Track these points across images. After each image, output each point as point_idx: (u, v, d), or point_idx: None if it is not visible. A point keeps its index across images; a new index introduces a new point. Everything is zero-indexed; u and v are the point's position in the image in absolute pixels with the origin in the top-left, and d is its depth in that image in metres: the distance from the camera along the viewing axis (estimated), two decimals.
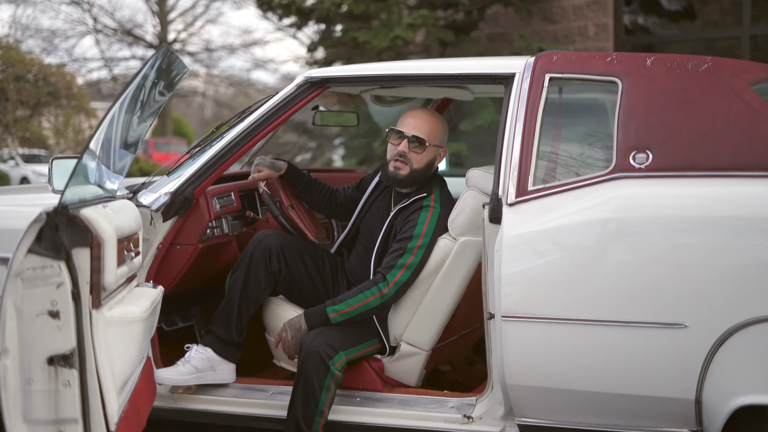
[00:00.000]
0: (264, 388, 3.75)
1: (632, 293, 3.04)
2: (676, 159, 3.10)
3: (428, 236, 3.59)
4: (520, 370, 3.19)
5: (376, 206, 3.94)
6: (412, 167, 3.72)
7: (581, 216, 3.12)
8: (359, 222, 3.98)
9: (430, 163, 3.75)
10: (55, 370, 2.54)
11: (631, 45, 10.57)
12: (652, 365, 3.04)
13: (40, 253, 2.49)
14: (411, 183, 3.75)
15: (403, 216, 3.72)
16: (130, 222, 3.15)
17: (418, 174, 3.73)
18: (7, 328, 2.49)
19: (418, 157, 3.71)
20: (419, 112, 3.79)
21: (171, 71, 2.94)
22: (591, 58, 3.39)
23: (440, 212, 3.66)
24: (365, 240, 3.89)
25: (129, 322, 2.75)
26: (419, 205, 3.69)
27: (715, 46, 10.45)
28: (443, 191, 3.78)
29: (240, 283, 3.76)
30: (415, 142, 3.70)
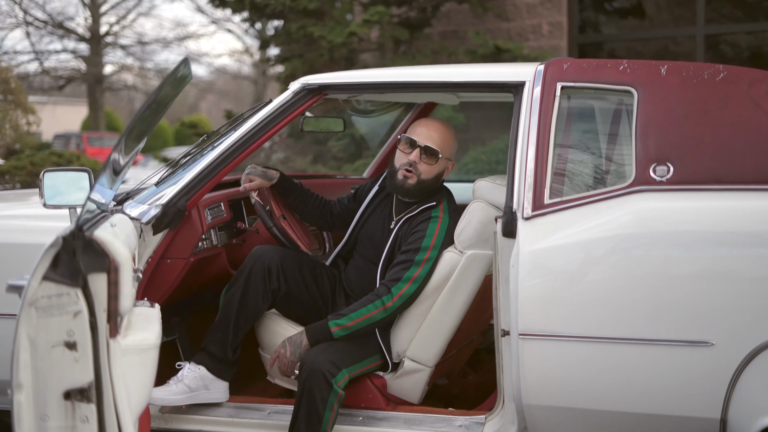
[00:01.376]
0: (260, 407, 3.60)
1: (656, 310, 2.96)
2: (699, 172, 3.03)
3: (436, 249, 3.48)
4: (539, 389, 3.10)
5: (376, 216, 3.81)
6: (420, 178, 3.60)
7: (602, 231, 3.04)
8: (357, 232, 3.84)
9: (439, 175, 3.64)
10: (72, 405, 2.37)
11: (585, 43, 10.58)
12: (676, 384, 2.97)
13: (55, 280, 2.32)
14: (418, 194, 3.64)
15: (409, 225, 3.61)
16: (133, 239, 2.98)
17: (426, 185, 3.62)
18: (21, 361, 2.32)
19: (429, 168, 3.60)
20: (433, 122, 3.67)
21: (179, 81, 2.79)
22: (603, 66, 3.30)
23: (449, 224, 3.55)
24: (365, 251, 3.77)
25: (145, 349, 2.59)
26: (427, 216, 3.58)
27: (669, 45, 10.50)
28: (450, 201, 3.67)
29: (237, 300, 3.61)
30: (427, 152, 3.59)
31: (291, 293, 3.68)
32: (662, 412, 3.00)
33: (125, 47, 31.03)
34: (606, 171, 3.21)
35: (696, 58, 9.78)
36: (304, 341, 3.46)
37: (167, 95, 2.73)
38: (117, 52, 31.71)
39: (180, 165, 3.72)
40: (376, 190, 3.87)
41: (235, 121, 3.81)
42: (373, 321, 3.45)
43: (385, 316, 3.45)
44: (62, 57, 29.98)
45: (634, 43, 10.67)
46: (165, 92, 2.67)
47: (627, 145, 3.15)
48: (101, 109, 30.78)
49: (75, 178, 3.27)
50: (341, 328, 3.44)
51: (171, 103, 2.99)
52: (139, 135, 2.77)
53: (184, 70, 2.65)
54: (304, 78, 3.63)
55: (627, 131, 3.18)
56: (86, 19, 29.35)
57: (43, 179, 3.21)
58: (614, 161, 3.23)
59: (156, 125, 2.87)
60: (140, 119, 2.64)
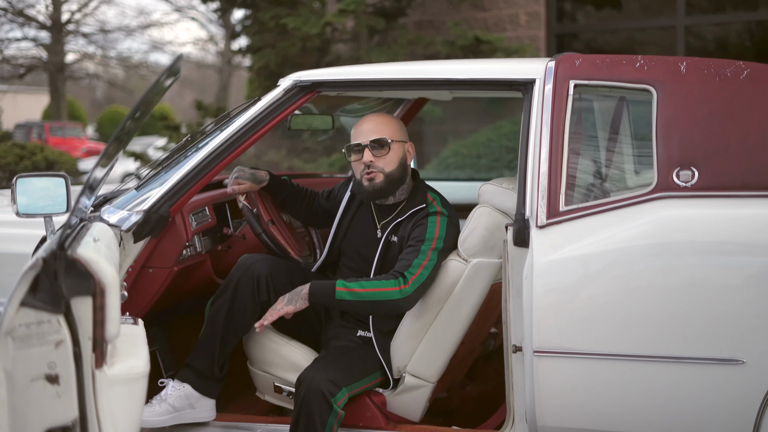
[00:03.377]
0: (250, 427, 3.37)
1: (683, 326, 2.76)
2: (726, 177, 2.82)
3: (441, 240, 3.25)
4: (555, 409, 2.89)
5: (357, 225, 3.55)
6: (385, 172, 3.36)
7: (623, 241, 2.83)
8: (339, 243, 3.58)
9: (401, 161, 3.39)
10: None
11: (563, 33, 10.40)
12: (704, 405, 2.77)
13: (35, 306, 2.07)
14: (392, 189, 3.39)
15: (405, 227, 3.37)
16: (116, 253, 2.73)
17: (395, 176, 3.37)
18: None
19: (387, 159, 3.35)
20: (367, 117, 3.45)
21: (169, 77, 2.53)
22: (618, 63, 3.08)
23: (449, 219, 3.33)
24: (353, 263, 3.51)
25: (133, 379, 2.33)
26: (425, 213, 3.35)
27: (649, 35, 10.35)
28: (442, 198, 3.44)
29: (224, 313, 3.36)
30: (377, 145, 3.35)
31: None
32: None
33: (87, 35, 30.43)
34: (625, 176, 3.01)
35: (676, 49, 9.63)
36: (304, 289, 3.22)
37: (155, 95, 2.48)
38: (79, 40, 31.14)
39: (162, 167, 3.46)
40: (349, 195, 3.60)
41: (221, 120, 3.56)
42: (383, 298, 3.17)
43: (399, 297, 3.16)
44: (23, 45, 29.40)
45: (613, 33, 10.49)
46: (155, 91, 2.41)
47: (647, 147, 2.94)
48: (63, 98, 30.19)
49: (50, 184, 3.00)
50: (347, 291, 3.18)
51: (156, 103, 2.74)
52: (124, 138, 2.51)
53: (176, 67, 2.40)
54: (296, 74, 3.39)
55: (646, 133, 2.96)
56: (47, 6, 28.70)
57: (16, 186, 2.95)
58: (634, 165, 3.03)
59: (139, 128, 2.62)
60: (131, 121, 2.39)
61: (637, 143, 3.05)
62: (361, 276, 3.42)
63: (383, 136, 3.34)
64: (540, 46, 9.92)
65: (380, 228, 3.44)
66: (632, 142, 3.09)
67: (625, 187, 2.96)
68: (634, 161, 3.04)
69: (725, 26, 10.27)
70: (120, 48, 35.85)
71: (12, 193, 2.98)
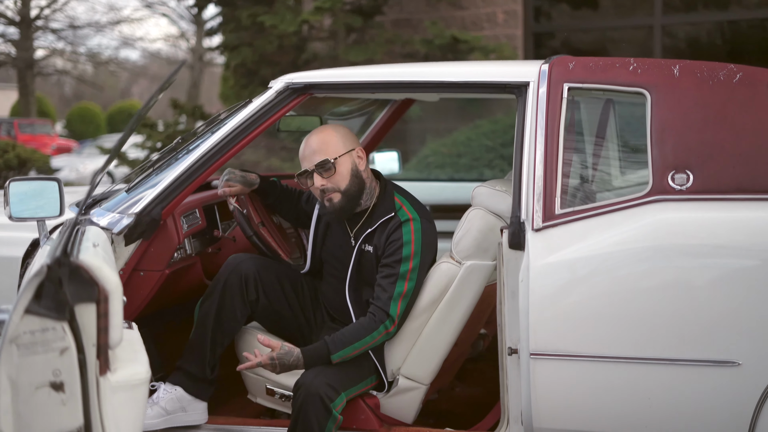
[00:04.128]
0: (243, 430, 3.35)
1: (679, 329, 2.78)
2: (721, 180, 2.85)
3: (418, 255, 3.23)
4: (551, 411, 2.90)
5: (332, 233, 3.51)
6: (341, 189, 3.30)
7: (619, 244, 2.85)
8: (319, 250, 3.55)
9: (353, 172, 3.32)
10: None
11: (541, 32, 10.44)
12: (699, 406, 2.80)
13: (40, 314, 2.05)
14: (354, 202, 3.34)
15: (379, 237, 3.32)
16: (112, 257, 2.71)
17: (353, 191, 3.31)
18: (2, 405, 2.04)
19: (336, 178, 3.29)
20: (307, 140, 3.36)
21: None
22: (611, 66, 3.10)
23: (422, 224, 3.28)
24: (335, 270, 3.49)
25: (136, 385, 2.32)
26: (397, 222, 3.29)
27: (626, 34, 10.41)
28: (411, 199, 3.38)
29: (213, 313, 3.35)
30: (321, 169, 3.28)
31: (270, 305, 3.43)
32: None
33: (56, 31, 30.19)
34: (620, 179, 3.03)
35: (653, 48, 9.69)
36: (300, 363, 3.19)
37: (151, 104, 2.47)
38: (48, 36, 30.89)
39: (154, 169, 3.44)
40: (320, 206, 3.55)
41: (212, 123, 3.54)
42: (374, 346, 3.25)
43: (385, 339, 3.24)
44: None
45: (590, 32, 10.54)
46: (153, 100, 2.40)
47: (642, 151, 2.96)
48: (32, 95, 29.90)
49: (43, 188, 2.98)
50: (343, 359, 3.21)
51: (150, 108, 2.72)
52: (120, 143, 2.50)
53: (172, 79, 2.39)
54: (288, 76, 3.37)
55: (641, 136, 2.98)
56: (16, 2, 28.43)
57: (9, 189, 2.92)
58: (629, 168, 3.04)
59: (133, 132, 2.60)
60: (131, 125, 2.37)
61: (631, 147, 3.07)
62: (341, 283, 3.41)
63: (325, 158, 3.28)
64: (517, 45, 9.95)
65: (353, 236, 3.42)
66: (627, 146, 3.11)
67: (620, 190, 2.98)
68: (629, 165, 3.06)
69: (701, 26, 10.35)
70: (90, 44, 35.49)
71: (5, 196, 2.95)
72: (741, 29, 10.28)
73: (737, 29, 10.24)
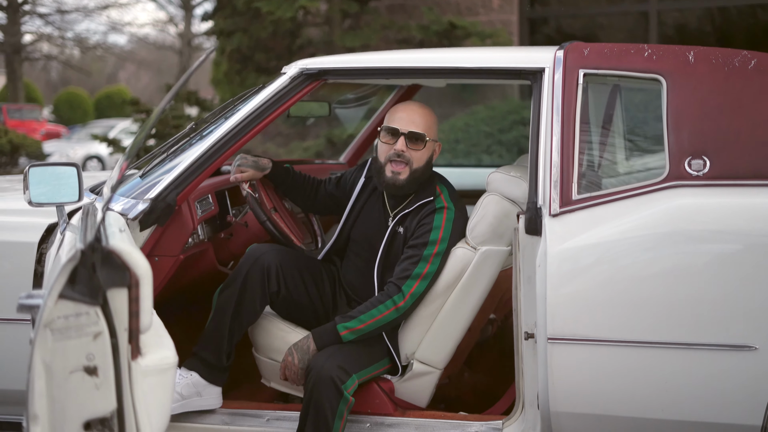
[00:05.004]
0: (258, 414, 3.36)
1: (695, 313, 2.81)
2: (738, 166, 2.87)
3: (445, 242, 3.26)
4: (569, 395, 2.93)
5: (368, 212, 3.53)
6: (412, 167, 3.33)
7: (636, 229, 2.87)
8: (349, 229, 3.57)
9: (429, 160, 3.38)
10: None
11: (536, 18, 10.44)
12: (716, 390, 2.83)
13: (73, 299, 2.05)
14: (412, 187, 3.37)
15: (411, 220, 3.37)
16: (133, 242, 2.72)
17: (419, 174, 3.35)
18: (36, 389, 2.05)
19: (418, 154, 3.33)
20: (411, 105, 3.39)
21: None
22: (626, 52, 3.12)
23: (455, 213, 3.32)
24: (362, 251, 3.51)
25: (165, 369, 2.33)
26: (432, 207, 3.34)
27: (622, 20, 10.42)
28: (450, 189, 3.43)
29: (233, 303, 3.35)
30: (413, 138, 3.32)
31: (290, 297, 3.43)
32: (700, 419, 2.86)
33: (44, 16, 30.03)
34: (637, 164, 3.05)
35: (649, 34, 9.71)
36: (311, 346, 3.23)
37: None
38: (35, 21, 30.73)
39: (168, 155, 3.44)
40: (363, 182, 3.58)
41: (224, 109, 3.55)
42: (384, 322, 3.24)
43: (397, 316, 3.24)
44: None
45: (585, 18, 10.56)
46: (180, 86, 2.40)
47: (658, 137, 2.98)
48: (20, 80, 29.75)
49: (62, 173, 2.99)
50: (350, 331, 3.22)
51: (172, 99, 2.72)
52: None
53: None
54: (302, 62, 3.38)
55: (657, 122, 3.00)
56: None
57: (29, 175, 2.93)
58: (645, 154, 3.07)
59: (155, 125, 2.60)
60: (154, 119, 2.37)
61: (648, 133, 3.09)
62: (368, 264, 3.43)
63: (423, 132, 3.32)
64: (513, 30, 9.95)
65: (392, 216, 3.44)
66: (643, 132, 3.13)
67: (637, 175, 3.00)
68: (645, 151, 3.08)
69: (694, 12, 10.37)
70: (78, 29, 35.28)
71: (25, 182, 2.96)
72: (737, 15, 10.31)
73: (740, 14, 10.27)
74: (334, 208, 3.71)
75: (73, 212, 3.27)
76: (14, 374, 3.31)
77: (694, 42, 9.75)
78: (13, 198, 3.51)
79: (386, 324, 3.25)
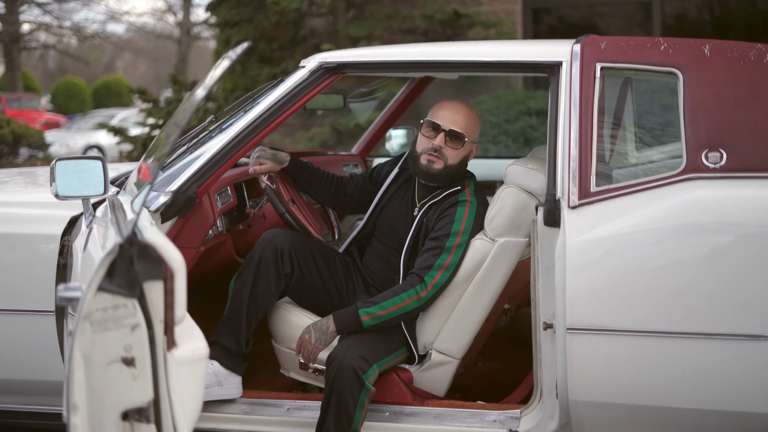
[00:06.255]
0: (278, 403, 3.41)
1: (713, 303, 2.86)
2: (754, 159, 2.92)
3: (467, 234, 3.32)
4: (587, 384, 2.98)
5: (396, 200, 3.62)
6: (447, 163, 3.43)
7: (654, 221, 2.91)
8: (376, 217, 3.64)
9: (464, 159, 3.47)
10: (130, 426, 2.16)
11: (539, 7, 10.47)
12: (732, 379, 2.88)
13: (111, 291, 2.10)
14: (443, 179, 3.46)
15: (435, 211, 3.43)
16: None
17: (452, 170, 3.45)
18: (75, 380, 2.09)
19: (455, 153, 3.42)
20: (456, 104, 3.48)
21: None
22: (642, 46, 3.16)
23: (477, 207, 3.39)
24: (386, 237, 3.58)
25: (197, 360, 2.37)
26: (454, 200, 3.41)
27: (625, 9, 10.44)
28: (476, 183, 3.51)
29: (248, 287, 3.40)
30: (452, 136, 3.41)
31: (304, 279, 3.49)
32: (716, 408, 2.91)
33: (42, 5, 29.99)
34: (654, 157, 3.09)
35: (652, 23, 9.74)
36: (330, 327, 3.28)
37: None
38: (33, 11, 30.69)
39: (188, 148, 3.48)
40: (396, 173, 3.67)
41: (244, 102, 3.59)
42: (405, 311, 3.29)
43: (418, 306, 3.29)
44: None
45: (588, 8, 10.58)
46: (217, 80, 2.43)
47: (675, 129, 3.03)
48: (18, 69, 29.72)
49: (87, 167, 3.03)
50: (372, 317, 3.27)
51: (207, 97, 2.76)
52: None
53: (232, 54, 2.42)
54: (321, 55, 3.41)
55: (674, 115, 3.05)
56: None
57: (56, 169, 2.97)
58: (662, 147, 3.11)
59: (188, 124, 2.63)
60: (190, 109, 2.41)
61: (665, 125, 3.13)
62: (393, 252, 3.49)
63: (463, 132, 3.40)
64: (516, 20, 9.98)
65: (419, 206, 3.51)
66: (660, 125, 3.17)
67: (654, 168, 3.04)
68: (663, 143, 3.12)
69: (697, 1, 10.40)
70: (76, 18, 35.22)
71: (51, 175, 3.00)
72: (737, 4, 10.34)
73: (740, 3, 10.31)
74: (364, 203, 3.77)
75: (95, 205, 3.31)
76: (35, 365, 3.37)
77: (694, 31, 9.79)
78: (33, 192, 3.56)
79: (407, 313, 3.30)
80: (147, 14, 39.54)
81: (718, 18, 10.46)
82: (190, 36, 31.62)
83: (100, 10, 36.60)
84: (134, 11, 43.83)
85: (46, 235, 3.34)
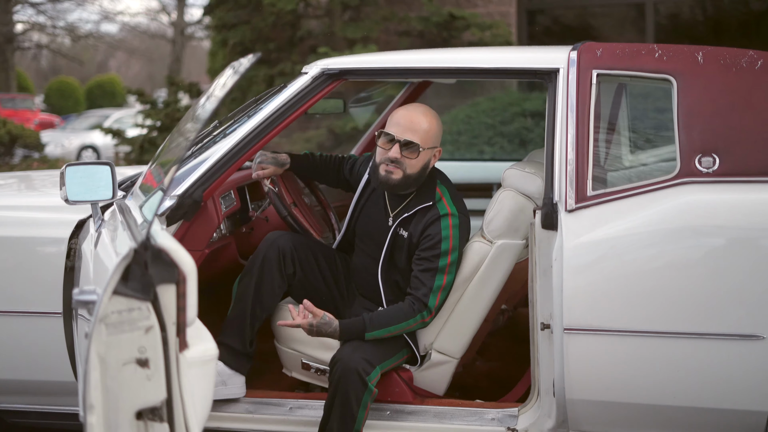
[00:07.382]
0: (281, 403, 3.49)
1: (706, 304, 2.94)
2: (747, 163, 3.00)
3: (456, 250, 3.36)
4: (584, 384, 3.06)
5: (370, 207, 3.62)
6: (406, 172, 3.37)
7: (649, 224, 3.00)
8: (354, 225, 3.67)
9: (424, 166, 3.41)
10: (144, 426, 2.23)
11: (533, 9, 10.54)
12: (725, 378, 2.96)
13: (126, 294, 2.17)
14: (404, 188, 3.43)
15: (416, 226, 3.43)
16: None
17: (412, 179, 3.40)
18: (92, 380, 2.17)
19: (412, 162, 3.36)
20: (411, 113, 3.38)
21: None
22: (638, 53, 3.24)
23: (460, 218, 3.40)
24: (366, 247, 3.61)
25: (207, 361, 2.45)
26: (435, 214, 3.40)
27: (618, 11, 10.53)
28: (451, 190, 3.48)
29: (252, 287, 3.47)
30: (407, 146, 3.35)
31: (306, 279, 3.55)
32: (710, 406, 2.99)
33: (36, 5, 30.00)
34: (649, 162, 3.17)
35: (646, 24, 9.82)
36: (334, 333, 3.33)
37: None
38: (27, 11, 30.70)
39: (192, 153, 3.55)
40: (367, 178, 3.66)
41: (247, 108, 3.66)
42: (409, 331, 3.40)
43: (421, 327, 3.40)
44: None
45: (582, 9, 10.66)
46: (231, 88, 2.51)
47: (669, 135, 3.11)
48: (12, 69, 29.70)
49: (96, 171, 3.10)
50: (375, 338, 3.36)
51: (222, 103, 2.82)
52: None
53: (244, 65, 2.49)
54: (323, 62, 3.49)
55: (668, 121, 3.13)
56: None
57: (65, 174, 3.04)
58: (657, 152, 3.19)
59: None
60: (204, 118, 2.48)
61: (659, 131, 3.21)
62: (372, 262, 3.53)
63: (417, 142, 3.33)
64: (511, 22, 10.06)
65: (392, 216, 3.53)
66: (655, 130, 3.25)
67: (649, 172, 3.12)
68: (657, 148, 3.20)
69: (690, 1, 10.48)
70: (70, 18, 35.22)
71: (61, 180, 3.07)
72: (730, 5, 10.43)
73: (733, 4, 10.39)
74: (350, 190, 3.83)
75: (103, 208, 3.38)
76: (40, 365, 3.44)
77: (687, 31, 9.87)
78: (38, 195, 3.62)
79: (410, 332, 3.42)
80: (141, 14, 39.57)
81: (711, 18, 10.55)
82: (184, 36, 31.67)
83: (94, 10, 36.56)
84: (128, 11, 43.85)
85: (53, 239, 3.41)
